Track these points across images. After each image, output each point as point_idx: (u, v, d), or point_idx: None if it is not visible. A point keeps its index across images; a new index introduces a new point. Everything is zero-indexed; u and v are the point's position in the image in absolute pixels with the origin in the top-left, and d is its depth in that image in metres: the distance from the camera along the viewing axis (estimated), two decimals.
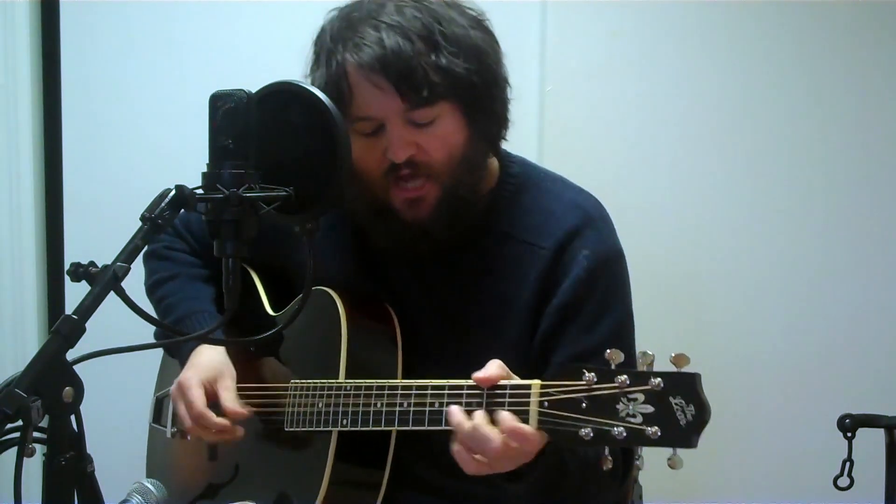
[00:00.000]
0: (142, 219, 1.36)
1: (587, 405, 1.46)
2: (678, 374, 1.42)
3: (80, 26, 2.78)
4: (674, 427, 1.40)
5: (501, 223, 1.84)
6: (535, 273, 1.80)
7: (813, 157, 2.74)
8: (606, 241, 1.83)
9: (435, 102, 1.71)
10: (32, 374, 1.25)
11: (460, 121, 1.75)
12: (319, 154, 1.51)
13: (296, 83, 1.57)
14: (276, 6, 2.71)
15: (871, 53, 2.72)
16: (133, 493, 1.60)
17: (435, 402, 1.61)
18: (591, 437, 1.45)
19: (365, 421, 1.69)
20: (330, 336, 1.79)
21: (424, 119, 1.73)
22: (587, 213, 1.84)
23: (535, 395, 1.51)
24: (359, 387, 1.71)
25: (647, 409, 1.42)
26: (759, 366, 2.73)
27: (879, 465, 2.09)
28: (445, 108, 1.73)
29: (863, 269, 2.74)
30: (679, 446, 1.41)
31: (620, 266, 1.85)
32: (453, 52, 1.70)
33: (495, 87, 1.77)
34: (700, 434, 1.41)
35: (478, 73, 1.73)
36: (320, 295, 1.83)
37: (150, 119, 2.78)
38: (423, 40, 1.70)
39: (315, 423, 1.76)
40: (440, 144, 1.74)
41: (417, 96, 1.70)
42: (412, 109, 1.71)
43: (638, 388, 1.43)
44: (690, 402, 1.40)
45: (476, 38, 1.74)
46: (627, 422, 1.43)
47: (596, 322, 1.77)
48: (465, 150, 1.76)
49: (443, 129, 1.74)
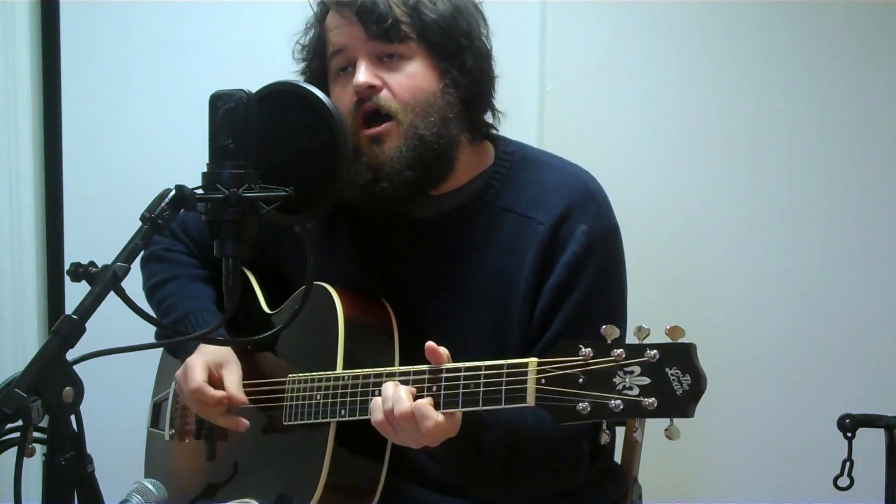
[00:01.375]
0: (142, 219, 1.36)
1: (584, 380, 1.47)
2: (673, 344, 1.43)
3: (80, 26, 2.78)
4: (670, 397, 1.41)
5: (500, 199, 1.85)
6: (533, 248, 1.81)
7: (813, 156, 2.74)
8: (604, 217, 1.85)
9: (401, 40, 1.77)
10: (32, 374, 1.25)
11: (431, 69, 1.80)
12: (319, 154, 1.51)
13: (296, 83, 1.57)
14: (276, 6, 2.70)
15: (871, 53, 2.71)
16: (133, 493, 1.60)
17: (433, 387, 1.62)
18: (588, 410, 1.46)
19: (363, 411, 1.69)
20: (327, 329, 1.79)
21: (390, 53, 1.78)
22: (586, 186, 1.86)
23: (533, 373, 1.52)
24: (356, 377, 1.72)
25: (643, 381, 1.43)
26: (759, 365, 2.73)
27: (879, 465, 2.09)
28: (414, 49, 1.79)
29: (863, 269, 2.74)
30: (676, 416, 1.42)
31: (617, 242, 1.87)
32: (424, 2, 1.77)
33: (469, 45, 1.81)
34: (697, 403, 1.42)
35: (449, 22, 1.78)
36: (316, 289, 1.83)
37: (150, 119, 2.78)
38: None
39: (313, 416, 1.77)
40: (405, 82, 1.78)
41: (379, 28, 1.76)
42: (376, 39, 1.77)
43: (634, 360, 1.44)
44: (686, 371, 1.41)
45: (458, 1, 1.80)
46: (624, 394, 1.44)
47: (592, 298, 1.79)
48: (431, 97, 1.79)
49: (410, 69, 1.79)
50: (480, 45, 1.83)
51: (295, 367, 1.84)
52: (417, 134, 1.77)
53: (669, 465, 2.35)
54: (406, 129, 1.77)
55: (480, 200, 1.85)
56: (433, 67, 1.79)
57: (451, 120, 1.80)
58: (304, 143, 1.53)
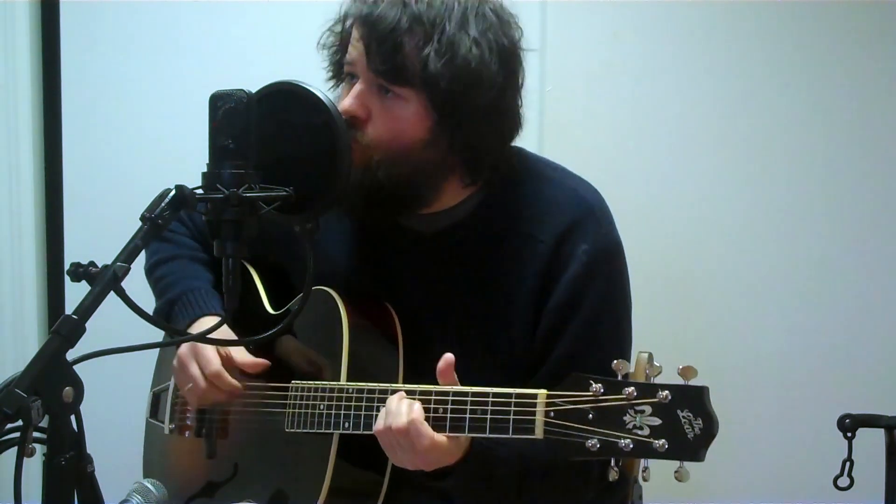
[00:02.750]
0: (142, 219, 1.36)
1: (594, 416, 1.46)
2: (686, 387, 1.42)
3: (80, 26, 2.78)
4: (681, 440, 1.41)
5: (500, 217, 1.83)
6: (534, 267, 1.79)
7: (813, 156, 2.74)
8: (605, 235, 1.82)
9: (398, 83, 1.69)
10: (32, 374, 1.25)
11: (424, 120, 1.71)
12: (319, 154, 1.51)
13: (296, 83, 1.57)
14: (276, 6, 2.71)
15: (872, 53, 2.72)
16: (133, 493, 1.60)
17: (439, 409, 1.61)
18: (597, 448, 1.45)
19: (367, 425, 1.68)
20: (331, 338, 1.78)
21: (388, 87, 1.70)
22: (587, 203, 1.82)
23: (541, 405, 1.51)
24: (361, 390, 1.71)
25: (654, 422, 1.42)
26: (759, 366, 2.73)
27: (879, 465, 2.09)
28: (411, 95, 1.70)
29: (863, 270, 2.74)
30: (686, 459, 1.41)
31: (619, 259, 1.84)
32: (439, 51, 1.67)
33: (476, 112, 1.71)
34: (707, 448, 1.41)
35: (453, 83, 1.67)
36: (322, 296, 1.83)
37: (150, 119, 2.78)
38: (420, 25, 1.68)
39: (316, 426, 1.76)
40: (389, 124, 1.72)
41: (380, 63, 1.69)
42: (376, 73, 1.70)
43: (645, 400, 1.42)
44: (699, 415, 1.41)
45: (474, 58, 1.68)
46: (634, 434, 1.43)
47: (596, 319, 1.77)
48: (414, 147, 1.72)
49: (400, 111, 1.71)
50: (495, 101, 1.73)
51: (298, 373, 1.84)
52: (376, 175, 1.73)
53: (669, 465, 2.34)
54: (369, 164, 1.72)
55: (480, 217, 1.83)
56: (427, 118, 1.71)
57: (430, 170, 1.75)
58: (304, 143, 1.52)
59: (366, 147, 1.72)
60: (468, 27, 1.69)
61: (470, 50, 1.68)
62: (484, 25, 1.71)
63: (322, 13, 1.82)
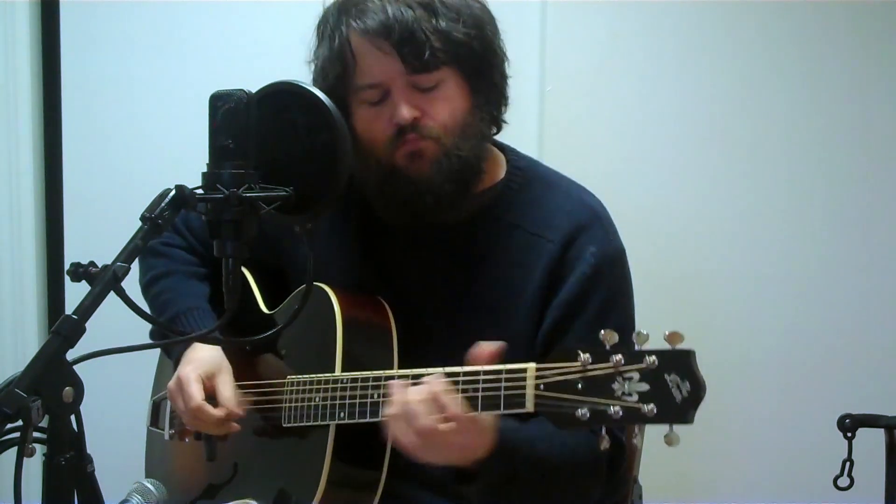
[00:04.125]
0: (142, 219, 1.36)
1: (583, 386, 1.46)
2: (673, 351, 1.42)
3: (80, 26, 2.78)
4: (670, 404, 1.41)
5: (509, 214, 1.85)
6: (542, 264, 1.81)
7: (813, 156, 2.74)
8: (612, 240, 1.85)
9: (437, 67, 1.75)
10: (32, 374, 1.25)
11: (463, 87, 1.79)
12: (319, 154, 1.51)
13: (296, 83, 1.57)
14: (276, 6, 2.71)
15: (872, 53, 2.72)
16: (133, 493, 1.60)
17: None
18: (587, 416, 1.45)
19: (362, 413, 1.69)
20: (325, 331, 1.79)
21: (427, 83, 1.76)
22: (594, 210, 1.86)
23: (531, 378, 1.52)
24: (355, 379, 1.72)
25: (642, 388, 1.43)
26: (760, 365, 2.73)
27: (879, 465, 2.09)
28: (447, 73, 1.77)
29: (863, 269, 2.74)
30: (675, 422, 1.41)
31: (625, 266, 1.87)
32: (453, 17, 1.75)
33: (494, 57, 1.82)
34: (696, 409, 1.41)
35: (477, 39, 1.77)
36: (315, 290, 1.83)
37: (151, 119, 2.78)
38: (422, 7, 1.74)
39: (313, 418, 1.76)
40: (444, 108, 1.77)
41: (419, 60, 1.73)
42: (414, 73, 1.74)
43: (633, 366, 1.43)
44: (686, 378, 1.41)
45: (474, 8, 1.79)
46: (623, 400, 1.43)
47: (601, 319, 1.77)
48: (467, 116, 1.79)
49: (445, 93, 1.77)
50: (499, 49, 1.83)
51: (293, 369, 1.84)
52: (458, 154, 1.78)
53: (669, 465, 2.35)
54: (448, 150, 1.77)
55: (490, 213, 1.85)
56: (464, 86, 1.79)
57: (480, 132, 1.82)
58: (304, 143, 1.52)
59: (435, 139, 1.77)
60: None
61: (470, 10, 1.78)
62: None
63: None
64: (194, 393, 1.82)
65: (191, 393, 1.83)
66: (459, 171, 1.78)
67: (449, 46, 1.74)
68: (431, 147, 1.76)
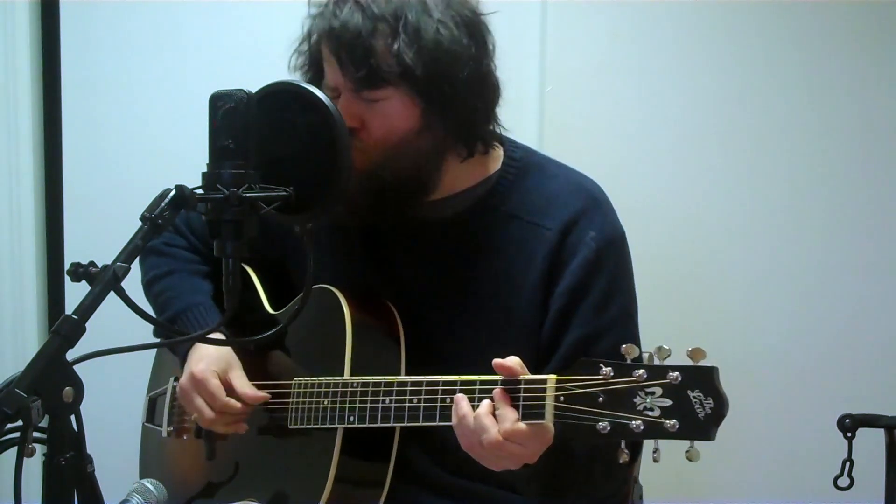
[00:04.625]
0: (142, 219, 1.36)
1: (604, 399, 1.47)
2: (696, 367, 1.43)
3: (80, 26, 2.78)
4: (692, 420, 1.42)
5: (506, 205, 1.85)
6: (541, 253, 1.80)
7: (813, 156, 2.74)
8: (612, 223, 1.85)
9: (378, 85, 1.72)
10: (32, 374, 1.25)
11: (412, 109, 1.75)
12: (319, 154, 1.51)
13: (296, 83, 1.57)
14: (276, 6, 2.70)
15: (872, 53, 2.71)
16: (133, 493, 1.60)
17: (446, 398, 1.61)
18: (608, 430, 1.46)
19: (373, 417, 1.69)
20: (334, 334, 1.79)
21: (370, 97, 1.74)
22: (592, 194, 1.86)
23: (551, 390, 1.52)
24: (366, 383, 1.71)
25: (664, 403, 1.43)
26: (760, 365, 2.73)
27: (879, 465, 2.09)
28: (392, 92, 1.73)
29: (863, 269, 2.74)
30: (698, 438, 1.42)
31: (625, 248, 1.86)
32: (408, 42, 1.70)
33: (459, 87, 1.74)
34: (718, 427, 1.42)
35: (436, 64, 1.71)
36: (323, 293, 1.83)
37: (150, 119, 2.78)
38: (383, 23, 1.70)
39: (321, 421, 1.76)
40: (381, 124, 1.75)
41: (356, 73, 1.71)
42: (353, 85, 1.73)
43: (655, 381, 1.43)
44: (709, 395, 1.42)
45: (444, 38, 1.71)
46: (645, 415, 1.43)
47: (605, 303, 1.78)
48: (410, 136, 1.76)
49: (386, 110, 1.74)
50: (474, 73, 1.76)
51: (300, 370, 1.84)
52: (380, 175, 1.76)
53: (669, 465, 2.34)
54: (371, 167, 1.76)
55: (486, 205, 1.85)
56: (414, 107, 1.75)
57: (429, 154, 1.79)
58: (305, 143, 1.52)
59: (365, 152, 1.74)
60: (429, 10, 1.73)
61: (437, 31, 1.72)
62: (444, 4, 1.75)
63: None
64: (216, 389, 1.83)
65: (212, 389, 1.83)
66: (377, 190, 1.77)
67: (395, 68, 1.70)
68: (359, 158, 1.72)
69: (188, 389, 1.86)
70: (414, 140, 1.76)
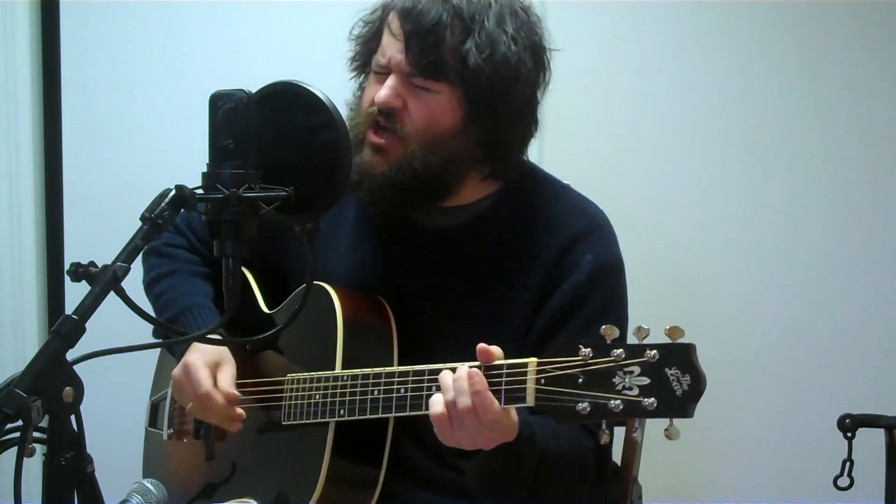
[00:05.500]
0: (142, 219, 1.36)
1: (584, 380, 1.47)
2: (673, 345, 1.43)
3: (80, 26, 2.78)
4: (670, 397, 1.41)
5: (508, 222, 1.85)
6: (537, 272, 1.80)
7: (813, 156, 2.74)
8: (610, 249, 1.85)
9: (435, 78, 1.74)
10: (32, 374, 1.25)
11: (457, 110, 1.76)
12: (320, 154, 1.51)
13: (296, 83, 1.57)
14: (276, 6, 2.71)
15: (871, 53, 2.72)
16: (133, 493, 1.60)
17: (432, 387, 1.61)
18: (588, 410, 1.46)
19: (362, 409, 1.69)
20: (326, 329, 1.79)
21: (422, 84, 1.75)
22: (593, 218, 1.86)
23: (532, 373, 1.52)
24: (355, 376, 1.72)
25: (643, 381, 1.43)
26: (759, 365, 2.73)
27: (879, 465, 2.09)
28: (446, 88, 1.75)
29: (863, 269, 2.74)
30: (676, 416, 1.42)
31: (621, 275, 1.86)
32: (479, 47, 1.71)
33: (509, 106, 1.76)
34: (696, 403, 1.42)
35: (495, 78, 1.72)
36: (316, 290, 1.83)
37: (151, 119, 2.78)
38: (460, 20, 1.72)
39: (312, 415, 1.77)
40: (424, 114, 1.76)
41: (418, 58, 1.72)
42: (412, 68, 1.73)
43: (634, 360, 1.44)
44: (686, 372, 1.42)
45: (513, 55, 1.73)
46: (624, 394, 1.44)
47: (591, 326, 1.76)
48: (446, 136, 1.77)
49: (435, 102, 1.76)
50: (527, 97, 1.78)
51: (293, 367, 1.84)
52: (412, 165, 1.77)
53: (669, 465, 2.35)
54: (406, 156, 1.77)
55: (488, 220, 1.85)
56: (459, 108, 1.76)
57: (459, 159, 1.80)
58: (305, 143, 1.52)
59: (403, 138, 1.76)
60: (505, 24, 1.74)
61: (509, 47, 1.73)
62: (519, 22, 1.76)
63: (322, 13, 1.83)
64: (203, 379, 1.82)
65: (199, 379, 1.83)
66: (405, 185, 1.77)
67: (458, 67, 1.72)
68: (394, 146, 1.76)
69: (179, 379, 1.87)
70: (448, 140, 1.77)
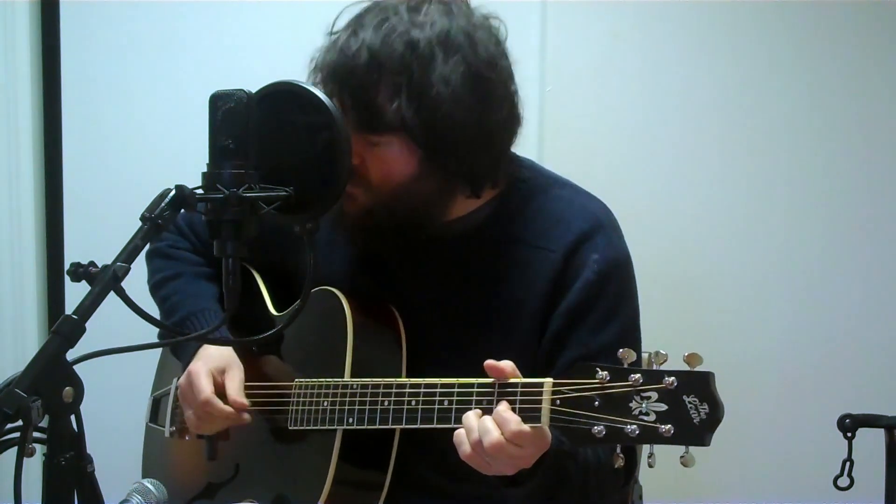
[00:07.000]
0: (142, 219, 1.36)
1: (600, 403, 1.46)
2: (692, 372, 1.42)
3: (80, 26, 2.78)
4: (687, 425, 1.41)
5: (511, 227, 1.84)
6: (544, 276, 1.79)
7: (813, 156, 2.74)
8: (616, 247, 1.83)
9: (378, 132, 1.71)
10: (32, 374, 1.25)
11: (412, 156, 1.73)
12: (319, 154, 1.51)
13: (296, 83, 1.57)
14: (276, 6, 2.71)
15: (872, 53, 2.72)
16: (133, 493, 1.60)
17: (444, 401, 1.61)
18: (603, 434, 1.45)
19: (371, 419, 1.69)
20: (335, 336, 1.79)
21: (372, 139, 1.72)
22: (597, 217, 1.84)
23: (548, 393, 1.51)
24: (365, 386, 1.71)
25: (660, 408, 1.43)
26: (760, 366, 2.73)
27: (879, 465, 2.09)
28: (395, 139, 1.71)
29: (863, 270, 2.74)
30: (692, 444, 1.42)
31: (629, 271, 1.85)
32: (409, 98, 1.67)
33: (460, 144, 1.72)
34: (713, 432, 1.42)
35: (433, 127, 1.69)
36: (326, 295, 1.83)
37: (150, 119, 2.78)
38: (387, 74, 1.68)
39: (320, 422, 1.76)
40: (380, 167, 1.74)
41: (358, 116, 1.69)
42: (356, 126, 1.69)
43: (651, 386, 1.43)
44: (704, 400, 1.41)
45: (445, 98, 1.68)
46: (640, 420, 1.43)
47: (604, 325, 1.77)
48: (409, 182, 1.74)
49: (388, 154, 1.73)
50: (476, 130, 1.73)
51: (301, 372, 1.84)
52: (386, 209, 1.76)
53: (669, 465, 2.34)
54: (378, 203, 1.76)
55: (492, 226, 1.84)
56: (414, 155, 1.73)
57: (431, 196, 1.78)
58: (305, 143, 1.53)
59: (370, 190, 1.75)
60: (435, 64, 1.69)
61: (439, 92, 1.68)
62: (451, 56, 1.70)
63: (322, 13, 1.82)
64: (204, 387, 1.82)
65: (200, 387, 1.82)
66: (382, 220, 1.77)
67: (400, 115, 1.68)
68: (361, 196, 1.74)
69: (184, 387, 1.87)
70: (413, 185, 1.75)
